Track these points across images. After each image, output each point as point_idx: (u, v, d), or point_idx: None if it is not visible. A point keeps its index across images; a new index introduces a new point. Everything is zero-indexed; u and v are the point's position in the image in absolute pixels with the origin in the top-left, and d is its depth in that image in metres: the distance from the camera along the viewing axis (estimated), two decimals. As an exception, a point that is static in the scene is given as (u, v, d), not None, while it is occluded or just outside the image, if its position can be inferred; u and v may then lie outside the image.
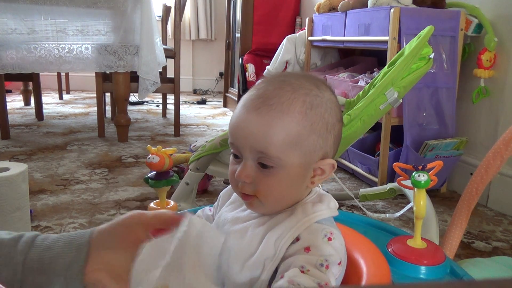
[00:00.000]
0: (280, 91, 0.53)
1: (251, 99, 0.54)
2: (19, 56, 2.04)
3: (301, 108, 0.52)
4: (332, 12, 2.16)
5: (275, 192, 0.54)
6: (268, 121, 0.51)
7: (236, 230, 0.57)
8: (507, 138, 0.92)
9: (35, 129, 2.59)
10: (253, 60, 3.04)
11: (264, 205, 0.55)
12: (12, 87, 4.07)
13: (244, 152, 0.53)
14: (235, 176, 0.54)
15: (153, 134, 2.59)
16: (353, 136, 1.25)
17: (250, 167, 0.53)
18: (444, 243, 0.97)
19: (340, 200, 1.59)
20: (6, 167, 0.99)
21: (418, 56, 1.21)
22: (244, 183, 0.54)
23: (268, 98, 0.52)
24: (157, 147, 0.83)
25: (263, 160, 0.52)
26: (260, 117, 0.52)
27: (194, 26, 4.67)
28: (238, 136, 0.53)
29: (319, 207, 0.55)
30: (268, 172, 0.53)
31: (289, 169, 0.53)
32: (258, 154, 0.52)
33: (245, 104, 0.54)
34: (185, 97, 4.34)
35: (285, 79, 0.55)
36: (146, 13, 2.16)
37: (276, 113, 0.52)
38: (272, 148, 0.52)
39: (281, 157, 0.52)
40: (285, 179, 0.54)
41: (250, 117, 0.52)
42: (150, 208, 0.83)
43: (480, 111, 1.67)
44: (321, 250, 0.51)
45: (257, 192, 0.54)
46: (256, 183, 0.54)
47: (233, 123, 0.55)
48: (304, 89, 0.54)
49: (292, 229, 0.53)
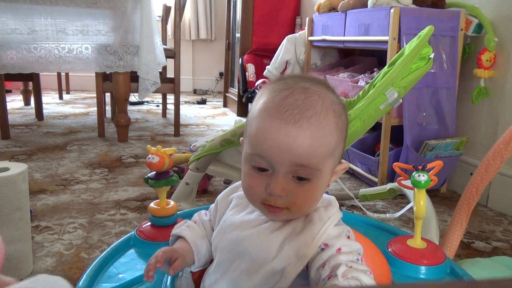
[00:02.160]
0: (311, 101, 0.51)
1: (281, 108, 0.51)
2: (19, 56, 2.04)
3: (334, 118, 0.53)
4: (332, 12, 2.16)
5: (312, 202, 0.55)
6: (310, 134, 0.50)
7: (248, 236, 0.56)
8: (507, 138, 0.92)
9: (35, 129, 2.59)
10: (253, 60, 3.04)
11: (295, 214, 0.55)
12: (12, 87, 4.07)
13: (279, 166, 0.51)
14: (270, 191, 0.52)
15: (153, 134, 2.59)
16: (353, 136, 1.25)
17: (285, 180, 0.52)
18: (444, 243, 0.97)
19: (340, 200, 1.59)
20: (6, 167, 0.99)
21: (418, 56, 1.21)
22: (278, 197, 0.52)
23: (303, 110, 0.51)
24: (157, 147, 0.83)
25: (301, 172, 0.51)
26: (301, 130, 0.50)
27: (194, 26, 4.67)
28: (273, 150, 0.51)
29: (331, 211, 0.57)
30: (303, 184, 0.52)
31: (323, 177, 0.54)
32: (296, 167, 0.51)
33: (276, 114, 0.51)
34: (185, 97, 4.34)
35: (305, 86, 0.53)
36: (146, 13, 2.16)
37: (316, 125, 0.51)
38: (315, 161, 0.51)
39: (320, 168, 0.52)
40: (319, 187, 0.54)
41: (289, 129, 0.50)
42: (150, 208, 0.83)
43: (480, 111, 1.67)
44: (350, 247, 0.53)
45: (292, 204, 0.53)
46: (292, 196, 0.52)
47: (265, 136, 0.51)
48: (328, 97, 0.54)
49: (316, 238, 0.53)
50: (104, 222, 1.33)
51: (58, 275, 1.00)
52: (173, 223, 0.82)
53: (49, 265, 1.08)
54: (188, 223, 0.66)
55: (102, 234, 1.25)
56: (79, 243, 1.19)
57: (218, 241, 0.60)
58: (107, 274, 0.69)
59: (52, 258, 1.11)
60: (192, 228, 0.64)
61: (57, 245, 1.18)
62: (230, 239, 0.58)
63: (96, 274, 0.68)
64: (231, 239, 0.58)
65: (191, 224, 0.65)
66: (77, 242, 1.20)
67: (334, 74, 2.10)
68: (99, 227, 1.30)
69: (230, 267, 0.57)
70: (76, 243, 1.19)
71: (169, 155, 0.83)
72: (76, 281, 0.66)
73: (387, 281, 0.64)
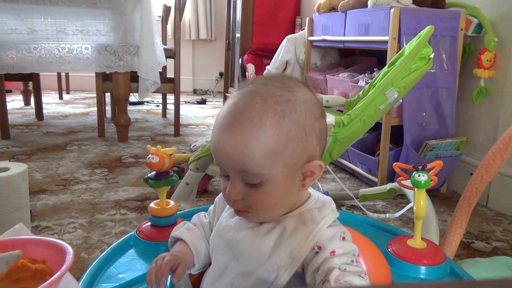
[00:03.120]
0: (250, 105, 0.51)
1: (223, 117, 0.53)
2: (19, 56, 2.04)
3: (272, 119, 0.51)
4: (332, 12, 2.16)
5: (266, 205, 0.54)
6: (242, 140, 0.50)
7: (242, 237, 0.56)
8: (507, 138, 0.92)
9: (35, 129, 2.59)
10: (253, 60, 3.04)
11: (258, 217, 0.56)
12: (12, 87, 4.07)
13: (229, 172, 0.54)
14: (226, 195, 0.55)
15: (153, 134, 2.59)
16: (353, 136, 1.25)
17: (238, 185, 0.53)
18: (444, 243, 0.97)
19: (340, 200, 1.59)
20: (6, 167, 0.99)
21: (418, 56, 1.21)
22: (235, 201, 0.54)
23: (238, 115, 0.51)
24: (157, 147, 0.83)
25: (247, 178, 0.52)
26: (234, 137, 0.51)
27: (194, 26, 4.67)
28: (219, 158, 0.53)
29: (325, 212, 0.56)
30: (256, 188, 0.53)
31: (275, 180, 0.53)
32: (241, 174, 0.52)
33: (219, 124, 0.53)
34: (185, 97, 4.34)
35: (255, 89, 0.53)
36: (146, 13, 2.16)
37: (248, 130, 0.50)
38: (253, 166, 0.51)
39: (263, 173, 0.52)
40: (274, 191, 0.53)
41: (224, 138, 0.52)
42: (150, 208, 0.83)
43: (480, 111, 1.67)
44: (344, 249, 0.53)
45: (249, 207, 0.54)
46: (247, 199, 0.54)
47: (212, 145, 0.54)
48: (274, 97, 0.52)
49: (308, 239, 0.53)
50: (104, 222, 1.33)
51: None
52: (173, 223, 0.82)
53: (49, 265, 1.08)
54: (187, 225, 0.65)
55: (102, 234, 1.25)
56: (79, 243, 1.19)
57: (215, 243, 0.60)
58: (107, 274, 0.69)
59: (52, 258, 1.10)
60: (192, 231, 0.64)
61: (57, 245, 1.18)
62: (225, 240, 0.58)
63: (96, 274, 0.68)
64: (226, 240, 0.58)
65: (190, 227, 0.65)
66: (77, 242, 1.20)
67: (334, 74, 2.10)
68: (99, 227, 1.30)
69: (226, 269, 0.57)
70: (76, 243, 1.19)
71: (169, 155, 0.83)
72: (76, 281, 0.66)
73: (387, 281, 0.64)
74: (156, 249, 0.75)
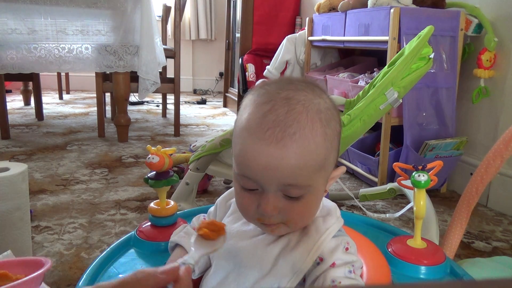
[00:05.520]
0: (294, 114, 0.48)
1: (262, 127, 0.48)
2: (19, 56, 2.04)
3: (321, 129, 0.49)
4: (332, 12, 2.16)
5: (308, 216, 0.53)
6: (294, 153, 0.47)
7: (245, 246, 0.55)
8: (507, 138, 0.92)
9: (35, 129, 2.59)
10: (253, 60, 3.04)
11: (292, 228, 0.53)
12: (12, 87, 4.07)
13: (267, 187, 0.49)
14: (262, 211, 0.50)
15: (153, 134, 2.59)
16: (353, 136, 1.25)
17: (276, 198, 0.49)
18: (444, 243, 0.97)
19: (340, 200, 1.59)
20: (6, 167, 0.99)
21: (418, 56, 1.21)
22: (272, 216, 0.50)
23: (286, 126, 0.47)
24: (157, 147, 0.83)
25: (291, 191, 0.49)
26: (285, 150, 0.47)
27: (194, 26, 4.67)
28: (259, 171, 0.48)
29: (330, 221, 0.55)
30: (296, 200, 0.50)
31: (316, 191, 0.51)
32: (285, 187, 0.49)
33: (257, 134, 0.48)
34: (185, 97, 4.34)
35: (289, 95, 0.49)
36: (146, 13, 2.16)
37: (301, 143, 0.47)
38: (303, 179, 0.48)
39: (311, 184, 0.50)
40: (314, 201, 0.52)
41: (272, 151, 0.47)
42: (150, 208, 0.83)
43: (480, 111, 1.67)
44: (345, 260, 0.51)
45: (287, 221, 0.51)
46: (286, 213, 0.50)
47: (249, 158, 0.48)
48: (314, 104, 0.49)
49: (311, 252, 0.52)
50: (104, 222, 1.33)
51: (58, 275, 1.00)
52: (173, 223, 0.82)
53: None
54: (187, 229, 0.64)
55: (102, 234, 1.25)
56: (79, 243, 1.19)
57: None
58: (107, 274, 0.69)
59: (52, 258, 1.10)
60: (191, 236, 0.63)
61: (57, 245, 1.18)
62: (226, 248, 0.56)
63: (96, 274, 0.68)
64: (227, 248, 0.56)
65: (190, 231, 0.64)
66: (77, 242, 1.20)
67: (334, 74, 2.10)
68: (99, 227, 1.30)
69: (227, 278, 0.56)
70: (76, 243, 1.19)
71: (169, 155, 0.83)
72: (76, 281, 0.66)
73: (387, 281, 0.64)
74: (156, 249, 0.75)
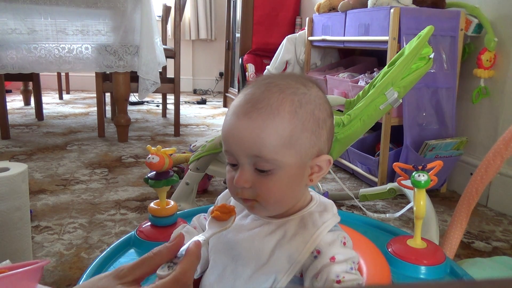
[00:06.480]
0: (268, 93, 0.53)
1: (239, 105, 0.54)
2: (19, 56, 2.04)
3: (290, 107, 0.52)
4: (332, 12, 2.16)
5: (276, 194, 0.54)
6: (259, 125, 0.51)
7: (242, 239, 0.56)
8: (507, 138, 0.92)
9: (35, 129, 2.59)
10: (253, 60, 3.04)
11: (266, 208, 0.55)
12: (12, 87, 4.08)
13: (240, 158, 0.53)
14: (234, 182, 0.54)
15: (153, 134, 2.59)
16: (353, 136, 1.25)
17: (248, 172, 0.53)
18: (444, 243, 0.97)
19: (340, 200, 1.59)
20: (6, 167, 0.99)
21: (418, 56, 1.21)
22: (243, 189, 0.54)
23: (256, 102, 0.52)
24: (157, 147, 0.83)
25: (259, 164, 0.52)
26: (251, 121, 0.52)
27: (194, 26, 4.67)
28: (232, 143, 0.53)
29: (326, 216, 0.56)
30: (266, 175, 0.53)
31: (287, 169, 0.53)
32: (253, 159, 0.52)
33: (234, 110, 0.54)
34: (185, 97, 4.34)
35: (271, 81, 0.55)
36: (146, 13, 2.16)
37: (266, 115, 0.51)
38: (267, 150, 0.51)
39: (277, 158, 0.52)
40: (284, 179, 0.54)
41: (241, 123, 0.52)
42: (150, 208, 0.83)
43: (480, 111, 1.67)
44: (345, 255, 0.52)
45: (258, 196, 0.54)
46: (256, 187, 0.53)
47: (225, 131, 0.54)
48: (291, 89, 0.54)
49: (308, 244, 0.53)
50: (104, 222, 1.33)
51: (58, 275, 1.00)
52: (173, 223, 0.82)
53: (49, 265, 1.08)
54: (187, 228, 0.65)
55: (102, 234, 1.25)
56: (79, 243, 1.19)
57: (214, 243, 0.60)
58: (107, 274, 0.69)
59: (52, 258, 1.11)
60: (192, 234, 0.63)
61: (57, 245, 1.18)
62: (225, 242, 0.58)
63: (96, 274, 0.68)
64: (226, 242, 0.58)
65: (190, 230, 0.64)
66: (77, 242, 1.20)
67: (334, 74, 2.10)
68: (99, 227, 1.30)
69: (225, 271, 0.57)
70: (76, 243, 1.19)
71: (169, 155, 0.83)
72: (76, 281, 0.66)
73: (387, 281, 0.64)
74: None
